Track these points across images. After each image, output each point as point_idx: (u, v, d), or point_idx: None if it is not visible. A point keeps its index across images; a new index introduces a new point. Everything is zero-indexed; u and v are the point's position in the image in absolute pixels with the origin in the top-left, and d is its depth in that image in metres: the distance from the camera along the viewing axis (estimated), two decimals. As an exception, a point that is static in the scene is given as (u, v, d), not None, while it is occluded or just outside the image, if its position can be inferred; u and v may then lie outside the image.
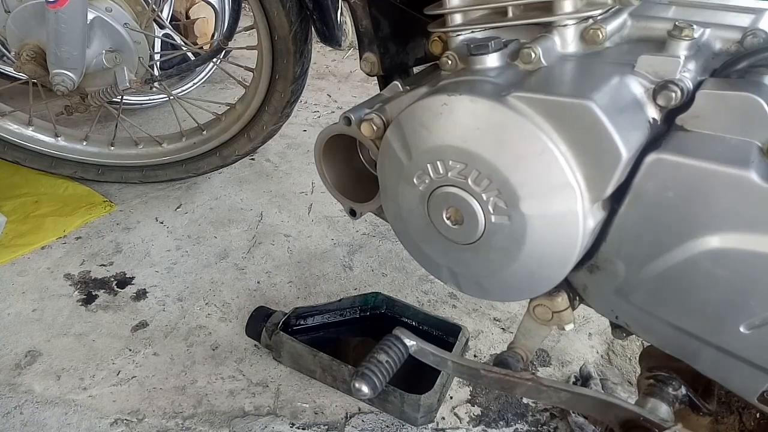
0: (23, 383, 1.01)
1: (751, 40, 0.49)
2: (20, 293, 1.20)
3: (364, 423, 0.95)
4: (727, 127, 0.43)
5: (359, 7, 0.65)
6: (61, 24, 1.08)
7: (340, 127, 0.58)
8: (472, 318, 1.17)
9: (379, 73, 0.68)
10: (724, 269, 0.44)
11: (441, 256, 0.55)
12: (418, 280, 1.25)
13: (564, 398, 0.56)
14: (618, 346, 1.12)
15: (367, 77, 1.85)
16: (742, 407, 0.64)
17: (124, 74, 1.21)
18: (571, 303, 0.55)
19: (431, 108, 0.48)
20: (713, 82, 0.46)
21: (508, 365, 0.59)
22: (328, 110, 2.04)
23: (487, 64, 0.50)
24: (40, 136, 1.45)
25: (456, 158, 0.48)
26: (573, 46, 0.52)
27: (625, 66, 0.47)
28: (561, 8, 0.50)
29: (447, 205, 0.51)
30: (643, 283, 0.48)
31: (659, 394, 0.55)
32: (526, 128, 0.44)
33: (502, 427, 0.96)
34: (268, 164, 1.67)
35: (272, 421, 0.95)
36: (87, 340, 1.10)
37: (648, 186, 0.44)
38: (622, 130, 0.43)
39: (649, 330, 0.52)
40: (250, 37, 1.30)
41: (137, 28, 1.22)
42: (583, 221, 0.45)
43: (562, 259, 0.48)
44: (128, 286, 1.23)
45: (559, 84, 0.48)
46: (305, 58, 1.22)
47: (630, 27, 0.53)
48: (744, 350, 0.46)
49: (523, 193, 0.46)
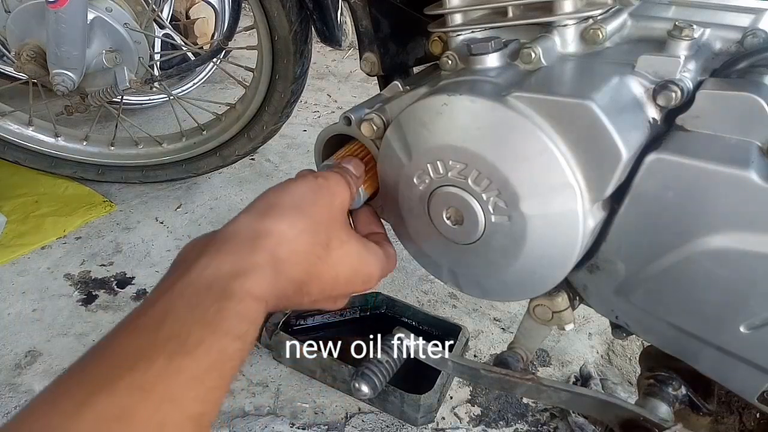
0: (23, 383, 1.01)
1: (751, 40, 0.49)
2: (20, 293, 1.20)
3: (364, 423, 0.95)
4: (727, 127, 0.43)
5: (359, 7, 0.64)
6: (61, 24, 1.08)
7: (340, 127, 0.58)
8: (472, 318, 1.17)
9: (379, 73, 0.68)
10: (724, 269, 0.44)
11: (441, 256, 0.55)
12: (418, 280, 1.25)
13: (564, 398, 0.56)
14: (618, 346, 1.12)
15: (367, 77, 1.85)
16: (742, 407, 0.64)
17: (124, 74, 1.21)
18: (571, 303, 0.55)
19: (431, 108, 0.48)
20: (713, 82, 0.45)
21: (508, 365, 0.59)
22: (328, 110, 2.04)
23: (487, 64, 0.50)
24: (40, 136, 1.45)
25: (456, 158, 0.48)
26: (573, 46, 0.52)
27: (625, 66, 0.47)
28: (561, 8, 0.50)
29: (447, 205, 0.51)
30: (643, 283, 0.49)
31: (659, 394, 0.55)
32: (526, 128, 0.44)
33: (502, 427, 0.96)
34: (268, 164, 1.67)
35: (272, 421, 0.95)
36: (87, 340, 1.10)
37: (648, 186, 0.44)
38: (622, 130, 0.43)
39: (649, 330, 0.52)
40: (250, 37, 1.30)
41: (137, 28, 1.22)
42: (583, 221, 0.45)
43: (562, 259, 0.48)
44: (128, 286, 1.23)
45: (559, 84, 0.48)
46: (305, 58, 1.22)
47: (630, 27, 0.53)
48: (744, 350, 0.46)
49: (523, 193, 0.46)
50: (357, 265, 0.46)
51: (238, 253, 0.38)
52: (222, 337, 0.34)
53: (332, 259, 0.44)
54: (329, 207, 0.45)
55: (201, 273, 0.37)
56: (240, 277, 0.37)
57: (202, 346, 0.33)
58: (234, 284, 0.36)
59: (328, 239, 0.44)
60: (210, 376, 0.33)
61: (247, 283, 0.37)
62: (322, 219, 0.44)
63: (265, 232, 0.40)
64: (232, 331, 0.35)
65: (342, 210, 0.47)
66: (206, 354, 0.33)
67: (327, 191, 0.45)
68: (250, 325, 0.36)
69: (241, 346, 0.35)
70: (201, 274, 0.37)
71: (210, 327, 0.34)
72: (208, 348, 0.33)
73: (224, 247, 0.39)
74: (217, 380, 0.34)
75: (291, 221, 0.41)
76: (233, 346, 0.34)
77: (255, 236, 0.40)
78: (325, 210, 0.44)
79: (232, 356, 0.34)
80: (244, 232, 0.40)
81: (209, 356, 0.33)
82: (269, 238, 0.40)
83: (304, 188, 0.45)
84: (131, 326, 0.35)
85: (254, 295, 0.37)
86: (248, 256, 0.38)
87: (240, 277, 0.37)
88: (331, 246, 0.44)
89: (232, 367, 0.35)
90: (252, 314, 0.36)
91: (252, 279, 0.37)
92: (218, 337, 0.34)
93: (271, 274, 0.39)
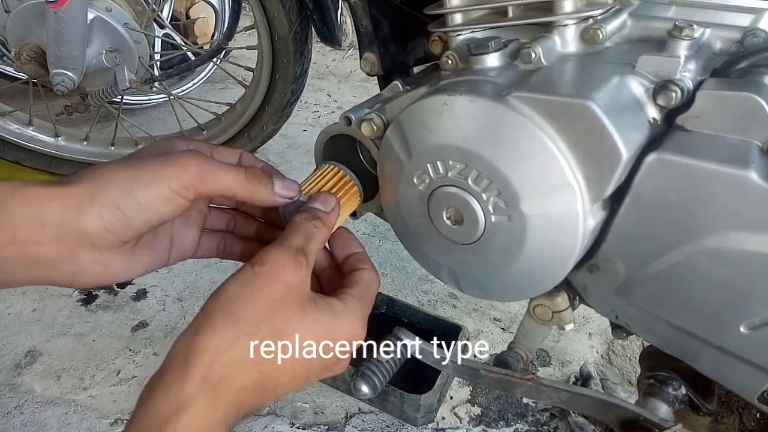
0: (23, 383, 1.01)
1: (751, 40, 0.49)
2: (20, 293, 1.20)
3: (364, 423, 0.95)
4: (728, 127, 0.43)
5: (359, 7, 0.64)
6: (62, 24, 1.08)
7: (340, 127, 0.58)
8: (472, 318, 1.17)
9: (379, 73, 0.68)
10: (724, 269, 0.44)
11: (441, 256, 0.55)
12: (418, 280, 1.25)
13: (564, 398, 0.56)
14: (618, 346, 1.12)
15: (367, 77, 1.85)
16: (742, 407, 0.64)
17: (124, 74, 1.21)
18: (571, 303, 0.55)
19: (431, 108, 0.48)
20: (713, 82, 0.45)
21: (508, 365, 0.59)
22: (328, 110, 2.04)
23: (488, 64, 0.50)
24: (40, 135, 1.45)
25: (456, 158, 0.48)
26: (573, 46, 0.52)
27: (625, 66, 0.47)
28: (561, 8, 0.50)
29: (447, 205, 0.51)
30: (644, 282, 0.48)
31: (659, 394, 0.55)
32: (526, 128, 0.44)
33: (502, 427, 0.96)
34: (268, 164, 1.67)
35: (272, 421, 0.95)
36: (87, 340, 1.10)
37: (648, 186, 0.44)
38: (622, 130, 0.43)
39: (649, 330, 0.52)
40: (250, 37, 1.30)
41: (137, 27, 1.22)
42: (583, 221, 0.45)
43: (562, 258, 0.48)
44: (128, 286, 1.23)
45: (559, 84, 0.47)
46: (305, 58, 1.22)
47: (630, 27, 0.53)
48: (744, 350, 0.46)
49: (523, 193, 0.46)
50: (326, 337, 0.43)
51: (169, 388, 0.38)
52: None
53: (289, 348, 0.42)
54: (268, 297, 0.41)
55: (144, 419, 0.37)
56: (171, 422, 0.36)
57: None
58: (171, 430, 0.36)
59: (276, 330, 0.41)
60: None
61: (179, 426, 0.36)
62: (261, 314, 0.41)
63: (196, 352, 0.38)
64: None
65: (288, 291, 0.42)
66: None
67: (263, 278, 0.42)
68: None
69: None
70: (144, 420, 0.37)
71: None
72: None
73: (160, 383, 0.38)
74: None
75: (223, 331, 0.39)
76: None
77: (186, 361, 0.38)
78: (262, 303, 0.41)
79: None
80: (179, 357, 0.39)
81: None
82: (201, 359, 0.38)
83: (236, 286, 0.42)
84: None
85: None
86: (177, 390, 0.37)
87: (171, 421, 0.36)
88: (283, 335, 0.41)
89: None
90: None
91: (184, 418, 0.37)
92: None
93: (207, 401, 0.38)
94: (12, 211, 0.39)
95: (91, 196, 0.40)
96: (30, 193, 0.39)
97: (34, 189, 0.39)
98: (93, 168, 0.42)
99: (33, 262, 0.40)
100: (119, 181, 0.41)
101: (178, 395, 0.37)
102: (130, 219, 0.41)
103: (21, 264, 0.40)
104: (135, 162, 0.43)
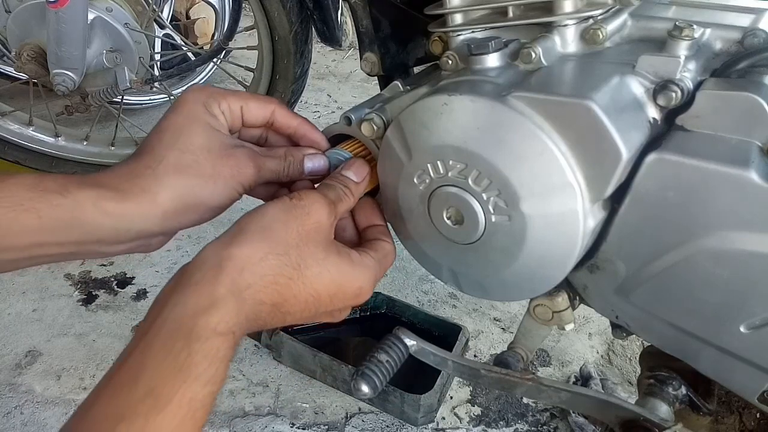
0: (23, 383, 1.01)
1: (751, 40, 0.49)
2: (20, 293, 1.20)
3: (364, 423, 0.95)
4: (728, 127, 0.43)
5: (359, 7, 0.64)
6: (62, 24, 1.08)
7: (341, 127, 0.58)
8: (472, 318, 1.17)
9: (380, 73, 0.68)
10: (724, 269, 0.44)
11: (441, 255, 0.55)
12: (418, 280, 1.25)
13: (564, 398, 0.56)
14: (618, 346, 1.12)
15: (367, 77, 1.85)
16: (743, 407, 0.64)
17: (124, 74, 1.21)
18: (572, 303, 0.55)
19: (431, 108, 0.48)
20: (713, 82, 0.46)
21: (508, 365, 0.59)
22: (328, 110, 2.04)
23: (488, 64, 0.50)
24: (40, 136, 1.45)
25: (456, 158, 0.48)
26: (573, 46, 0.52)
27: (626, 66, 0.47)
28: (561, 8, 0.50)
29: (447, 204, 0.51)
30: (644, 282, 0.49)
31: (659, 394, 0.56)
32: (526, 128, 0.44)
33: (502, 427, 0.96)
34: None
35: (272, 421, 0.95)
36: (87, 340, 1.10)
37: (648, 186, 0.44)
38: (622, 130, 0.43)
39: (649, 330, 0.52)
40: (251, 37, 1.30)
41: (138, 28, 1.22)
42: (583, 221, 0.45)
43: (562, 258, 0.48)
44: (128, 286, 1.23)
45: (560, 84, 0.48)
46: (305, 59, 1.22)
47: (630, 27, 0.53)
48: (744, 350, 0.46)
49: (523, 193, 0.46)
50: (340, 280, 0.46)
51: (202, 285, 0.40)
52: (192, 384, 0.37)
53: (308, 279, 0.44)
54: (301, 227, 0.45)
55: (170, 314, 0.39)
56: (203, 315, 0.39)
57: (174, 399, 0.36)
58: (199, 323, 0.38)
59: (301, 259, 0.44)
60: (184, 426, 0.36)
61: (211, 320, 0.39)
62: (291, 240, 0.44)
63: (228, 258, 0.41)
64: (202, 376, 0.37)
65: (318, 228, 0.46)
66: (179, 407, 0.36)
67: (300, 211, 0.45)
68: (219, 363, 0.38)
69: (211, 389, 0.38)
70: (170, 315, 0.39)
71: (181, 375, 0.37)
72: (180, 400, 0.36)
73: (190, 280, 0.40)
74: (191, 428, 0.36)
75: (256, 245, 0.42)
76: (204, 392, 0.37)
77: (218, 264, 0.41)
78: (295, 231, 0.44)
79: (203, 402, 0.37)
80: (210, 260, 0.42)
81: (182, 409, 0.36)
82: (232, 265, 0.41)
83: (274, 210, 0.45)
84: (112, 383, 0.37)
85: (219, 331, 0.39)
86: (210, 289, 0.40)
87: (203, 314, 0.39)
88: (306, 265, 0.44)
89: (204, 413, 0.37)
90: (220, 352, 0.38)
91: (215, 314, 0.39)
92: (189, 385, 0.36)
93: (235, 304, 0.40)
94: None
95: (176, 210, 0.48)
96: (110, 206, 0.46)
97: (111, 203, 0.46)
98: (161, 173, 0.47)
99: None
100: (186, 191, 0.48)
101: (211, 292, 0.40)
102: (202, 219, 0.52)
103: None
104: (192, 167, 0.48)
